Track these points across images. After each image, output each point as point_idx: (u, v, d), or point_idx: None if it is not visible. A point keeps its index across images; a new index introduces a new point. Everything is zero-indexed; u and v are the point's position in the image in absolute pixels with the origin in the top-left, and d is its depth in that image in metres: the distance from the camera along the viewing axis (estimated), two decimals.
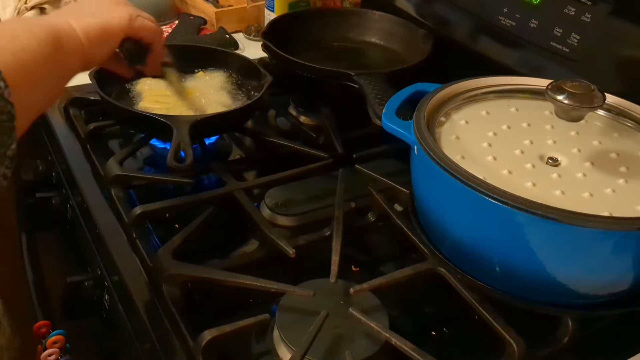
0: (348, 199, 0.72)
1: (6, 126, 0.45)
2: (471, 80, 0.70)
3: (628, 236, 0.52)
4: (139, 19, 0.65)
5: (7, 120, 0.45)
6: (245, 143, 0.90)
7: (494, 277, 0.59)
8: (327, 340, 0.54)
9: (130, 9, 0.66)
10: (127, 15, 0.64)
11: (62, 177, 0.83)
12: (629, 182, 0.58)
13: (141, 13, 0.67)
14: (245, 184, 0.75)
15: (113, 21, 0.62)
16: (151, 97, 0.84)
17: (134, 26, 0.64)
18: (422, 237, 0.64)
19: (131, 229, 0.68)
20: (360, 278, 0.61)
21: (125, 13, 0.64)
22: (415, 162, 0.63)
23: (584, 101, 0.58)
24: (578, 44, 0.79)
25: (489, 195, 0.53)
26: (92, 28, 0.59)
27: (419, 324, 0.63)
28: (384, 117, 0.65)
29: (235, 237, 0.72)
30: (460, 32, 0.95)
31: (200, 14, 1.28)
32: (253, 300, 0.63)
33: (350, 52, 1.06)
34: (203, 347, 0.53)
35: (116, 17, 0.63)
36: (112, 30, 0.62)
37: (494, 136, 0.64)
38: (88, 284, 0.72)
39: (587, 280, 0.56)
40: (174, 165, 0.69)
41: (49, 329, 0.71)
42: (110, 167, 0.75)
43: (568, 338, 0.57)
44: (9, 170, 0.46)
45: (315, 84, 0.89)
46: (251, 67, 0.91)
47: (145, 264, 0.64)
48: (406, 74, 0.88)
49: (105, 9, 0.63)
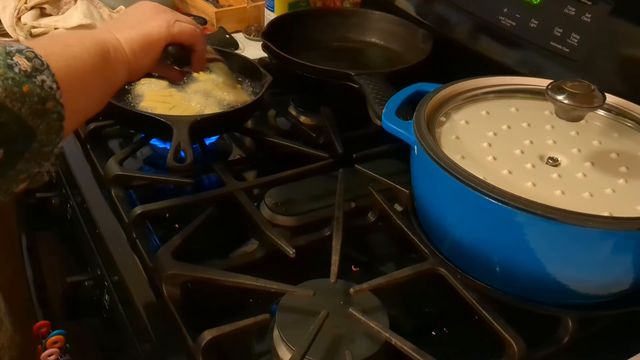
0: (348, 199, 0.72)
1: (55, 125, 0.48)
2: (471, 80, 0.70)
3: (628, 236, 0.52)
4: (177, 24, 0.67)
5: (57, 120, 0.48)
6: (245, 143, 0.90)
7: (494, 277, 0.59)
8: (327, 340, 0.54)
9: (169, 15, 0.67)
10: (165, 24, 0.65)
11: (62, 177, 0.84)
12: (629, 182, 0.58)
13: (179, 17, 0.69)
14: (245, 184, 0.75)
15: (152, 31, 0.64)
16: (152, 98, 0.84)
17: (173, 33, 0.66)
18: (422, 237, 0.64)
19: (131, 229, 0.68)
20: (360, 278, 0.61)
21: (164, 21, 0.66)
22: (415, 162, 0.63)
23: (584, 101, 0.58)
24: (578, 44, 0.79)
25: (489, 195, 0.53)
26: (134, 40, 0.61)
27: (419, 324, 0.63)
28: (384, 117, 0.65)
29: (235, 237, 0.72)
30: (460, 32, 0.95)
31: (200, 14, 1.28)
32: (253, 300, 0.63)
33: (350, 52, 1.06)
34: (203, 347, 0.53)
35: (155, 26, 0.65)
36: (153, 40, 0.64)
37: (494, 136, 0.64)
38: (88, 284, 0.72)
39: (587, 280, 0.56)
40: (174, 165, 0.69)
41: (49, 329, 0.71)
42: (110, 167, 0.75)
43: (568, 338, 0.57)
44: (54, 167, 0.50)
45: (315, 84, 0.89)
46: (251, 67, 0.91)
47: (145, 264, 0.64)
48: (406, 74, 0.88)
49: (145, 20, 0.65)
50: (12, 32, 1.10)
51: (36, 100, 0.46)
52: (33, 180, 0.49)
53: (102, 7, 1.16)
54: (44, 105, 0.47)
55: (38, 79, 0.46)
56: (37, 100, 0.46)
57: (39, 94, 0.46)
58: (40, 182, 0.50)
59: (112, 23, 0.69)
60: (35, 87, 0.46)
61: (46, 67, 0.48)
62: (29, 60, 0.47)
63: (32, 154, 0.47)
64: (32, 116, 0.46)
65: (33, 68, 0.46)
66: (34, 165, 0.48)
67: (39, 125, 0.46)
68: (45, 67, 0.47)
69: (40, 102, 0.46)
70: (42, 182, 0.50)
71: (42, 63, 0.47)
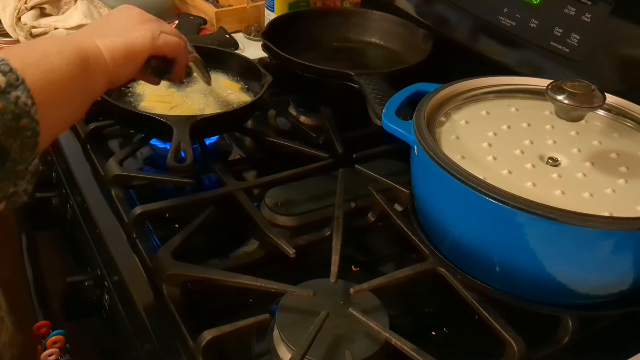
0: (348, 199, 0.72)
1: (30, 142, 0.46)
2: (471, 80, 0.70)
3: (628, 236, 0.52)
4: (161, 36, 0.65)
5: (31, 137, 0.46)
6: (245, 143, 0.90)
7: (494, 277, 0.59)
8: (327, 340, 0.54)
9: (154, 25, 0.65)
10: (149, 35, 0.64)
11: (62, 177, 0.84)
12: (629, 182, 0.58)
13: (164, 27, 0.67)
14: (245, 184, 0.75)
15: (136, 41, 0.62)
16: (152, 98, 0.84)
17: (157, 45, 0.65)
18: (422, 237, 0.64)
19: (131, 229, 0.68)
20: (360, 278, 0.61)
21: (148, 32, 0.64)
22: (415, 162, 0.63)
23: (584, 101, 0.58)
24: (578, 44, 0.79)
25: (489, 195, 0.53)
26: (117, 49, 0.60)
27: (419, 324, 0.63)
28: (384, 117, 0.65)
29: (235, 237, 0.72)
30: (460, 32, 0.95)
31: (200, 14, 1.28)
32: (253, 300, 0.63)
33: (350, 52, 1.06)
34: (203, 347, 0.53)
35: (139, 37, 0.63)
36: (136, 50, 0.62)
37: (494, 136, 0.64)
38: (88, 284, 0.72)
39: (587, 280, 0.56)
40: (174, 165, 0.69)
41: (49, 329, 0.71)
42: (110, 167, 0.75)
43: (568, 338, 0.57)
44: (31, 185, 0.48)
45: (315, 84, 0.89)
46: (251, 67, 0.91)
47: (145, 264, 0.64)
48: (406, 74, 0.88)
49: (129, 28, 0.63)
50: (12, 32, 1.10)
51: (10, 117, 0.44)
52: (10, 201, 0.47)
53: (102, 7, 1.16)
54: (18, 122, 0.45)
55: (12, 95, 0.44)
56: (11, 117, 0.44)
57: (13, 111, 0.44)
58: (18, 202, 0.48)
59: (95, 27, 0.65)
60: (9, 104, 0.44)
61: (21, 82, 0.46)
62: (4, 75, 0.45)
63: (6, 174, 0.45)
64: (4, 135, 0.44)
65: (7, 83, 0.44)
66: (8, 184, 0.46)
67: (12, 144, 0.45)
68: (20, 82, 0.45)
69: (15, 119, 0.44)
70: (21, 202, 0.48)
71: (17, 77, 0.45)
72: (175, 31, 0.70)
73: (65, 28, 1.10)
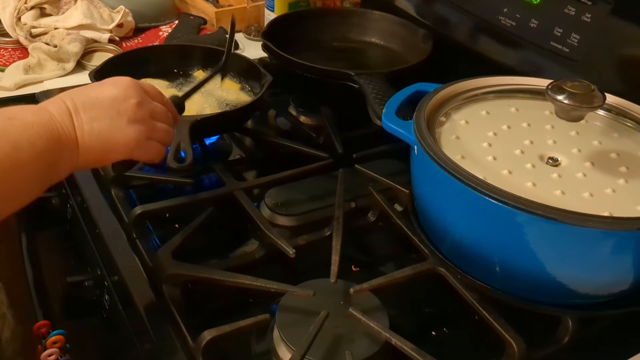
0: (348, 199, 0.72)
1: None
2: (471, 80, 0.70)
3: (628, 236, 0.52)
4: (145, 144, 0.59)
5: None
6: (245, 143, 0.90)
7: (494, 277, 0.59)
8: (327, 340, 0.54)
9: (144, 129, 0.58)
10: (134, 142, 0.57)
11: None
12: (629, 182, 0.58)
13: (155, 129, 0.60)
14: (245, 184, 0.75)
15: (117, 148, 0.57)
16: None
17: (135, 154, 0.59)
18: (422, 237, 0.64)
19: (131, 229, 0.68)
20: (360, 278, 0.61)
21: (133, 136, 0.57)
22: (415, 162, 0.63)
23: (584, 101, 0.58)
24: (578, 44, 0.79)
25: (489, 195, 0.53)
26: (94, 147, 0.55)
27: (419, 324, 0.63)
28: (384, 117, 0.65)
29: (235, 237, 0.72)
30: (460, 32, 0.95)
31: (200, 14, 1.28)
32: (253, 300, 0.63)
33: (350, 52, 1.06)
34: (203, 347, 0.53)
35: (122, 141, 0.56)
36: (112, 153, 0.57)
37: (494, 136, 0.64)
38: (88, 284, 0.72)
39: (587, 280, 0.56)
40: (174, 165, 0.68)
41: (49, 329, 0.71)
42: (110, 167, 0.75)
43: (568, 338, 0.57)
44: None
45: (315, 84, 0.89)
46: (251, 67, 0.91)
47: (145, 264, 0.64)
48: (406, 74, 0.88)
49: (118, 124, 0.56)
50: (12, 32, 1.10)
51: None
52: None
53: (102, 7, 1.16)
54: None
55: None
56: None
57: None
58: None
59: (87, 95, 0.56)
60: None
61: None
62: None
63: None
64: None
65: None
66: None
67: None
68: None
69: None
70: None
71: None
72: (167, 129, 0.62)
73: (65, 28, 1.10)
